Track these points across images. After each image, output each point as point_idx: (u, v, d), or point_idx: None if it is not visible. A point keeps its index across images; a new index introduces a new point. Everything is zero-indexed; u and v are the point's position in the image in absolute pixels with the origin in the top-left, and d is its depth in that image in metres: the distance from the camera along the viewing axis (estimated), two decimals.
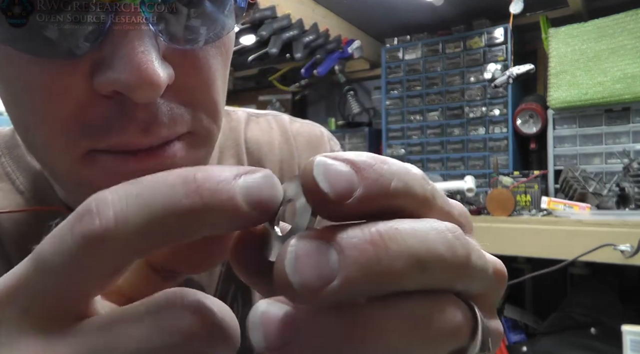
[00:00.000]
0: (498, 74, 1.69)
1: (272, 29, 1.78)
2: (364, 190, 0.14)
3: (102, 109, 0.27)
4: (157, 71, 0.25)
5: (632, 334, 1.12)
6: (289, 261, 0.14)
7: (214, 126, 0.32)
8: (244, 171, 0.15)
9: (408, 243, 0.14)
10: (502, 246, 1.37)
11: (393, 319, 0.14)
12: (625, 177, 1.50)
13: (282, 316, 0.14)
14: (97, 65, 0.26)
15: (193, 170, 0.15)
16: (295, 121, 0.54)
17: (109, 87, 0.26)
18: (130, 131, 0.27)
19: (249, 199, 0.14)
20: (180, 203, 0.14)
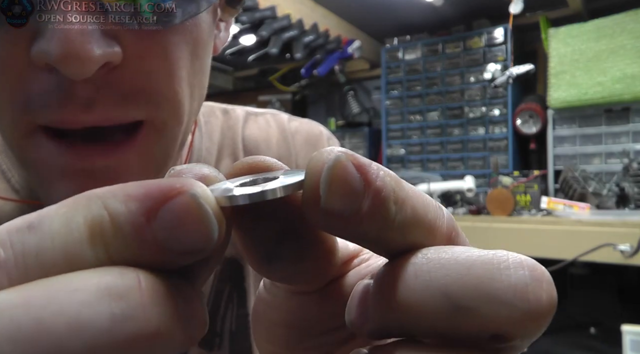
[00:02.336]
0: (498, 74, 1.69)
1: (272, 29, 1.78)
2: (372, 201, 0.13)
3: (41, 82, 0.26)
4: (87, 46, 0.24)
5: (632, 334, 1.12)
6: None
7: (173, 119, 0.30)
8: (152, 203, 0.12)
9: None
10: (502, 246, 1.36)
11: None
12: (625, 177, 1.50)
13: None
14: (35, 35, 0.25)
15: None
16: (294, 119, 0.53)
17: (40, 58, 0.25)
18: (69, 107, 0.26)
19: (175, 249, 0.12)
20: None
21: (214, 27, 0.35)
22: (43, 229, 0.12)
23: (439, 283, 0.12)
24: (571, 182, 1.56)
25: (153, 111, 0.29)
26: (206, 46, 0.32)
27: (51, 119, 0.27)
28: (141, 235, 0.12)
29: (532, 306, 0.12)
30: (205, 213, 0.12)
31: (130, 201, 0.12)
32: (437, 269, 0.13)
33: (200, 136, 0.44)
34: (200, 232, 0.12)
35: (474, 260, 0.13)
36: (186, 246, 0.12)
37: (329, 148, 0.14)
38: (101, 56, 0.25)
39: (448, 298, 0.12)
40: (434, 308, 0.12)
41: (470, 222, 1.43)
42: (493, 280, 0.12)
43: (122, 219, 0.12)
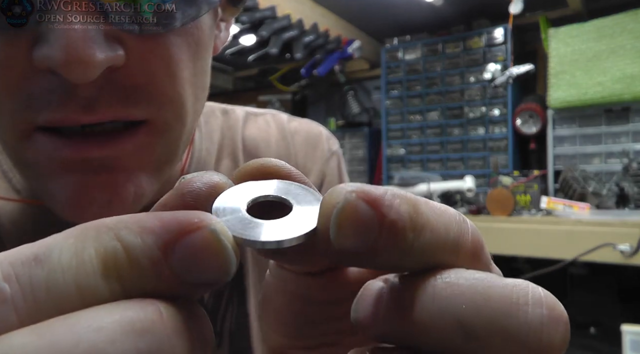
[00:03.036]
0: (498, 74, 1.69)
1: (272, 29, 1.78)
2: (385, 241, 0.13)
3: (43, 82, 0.26)
4: (89, 51, 0.24)
5: (632, 334, 1.12)
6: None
7: (176, 120, 0.30)
8: (170, 238, 0.12)
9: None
10: (502, 246, 1.37)
11: None
12: (624, 177, 1.50)
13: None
14: (37, 38, 0.25)
15: None
16: (293, 119, 0.53)
17: (43, 63, 0.25)
18: (71, 107, 0.26)
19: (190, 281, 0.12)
20: None
21: (215, 28, 0.35)
22: (52, 262, 0.11)
23: (455, 311, 0.12)
24: (571, 182, 1.56)
25: (155, 111, 0.29)
26: (207, 47, 0.33)
27: (52, 119, 0.27)
28: (158, 269, 0.12)
29: (544, 347, 0.12)
30: (225, 248, 0.12)
31: (146, 233, 0.12)
32: (455, 297, 0.13)
33: (200, 136, 0.44)
34: (220, 266, 0.12)
35: (493, 292, 0.13)
36: (204, 279, 0.12)
37: (341, 188, 0.13)
38: (104, 60, 0.25)
39: (462, 327, 0.12)
40: (447, 333, 0.12)
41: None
42: (510, 317, 0.12)
43: (138, 252, 0.12)
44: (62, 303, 0.11)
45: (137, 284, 0.12)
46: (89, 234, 0.12)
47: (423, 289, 0.13)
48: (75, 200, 0.28)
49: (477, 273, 0.13)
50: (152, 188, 0.31)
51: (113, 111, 0.27)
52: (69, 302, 0.11)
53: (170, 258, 0.12)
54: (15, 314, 0.11)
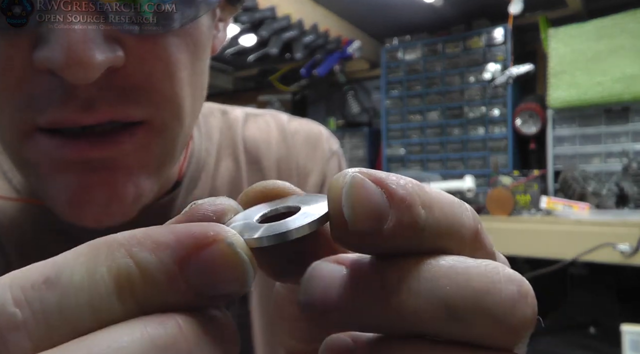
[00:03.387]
0: (498, 74, 1.69)
1: (272, 29, 1.79)
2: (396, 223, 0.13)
3: (43, 83, 0.26)
4: (90, 52, 0.24)
5: (632, 334, 1.12)
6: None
7: (174, 121, 0.30)
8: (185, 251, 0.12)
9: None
10: (502, 246, 1.37)
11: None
12: (624, 177, 1.50)
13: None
14: (38, 39, 0.25)
15: None
16: (293, 119, 0.53)
17: (43, 64, 0.25)
18: (70, 108, 0.26)
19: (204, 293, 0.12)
20: None
21: (213, 28, 0.35)
22: (63, 283, 0.11)
23: (440, 292, 0.13)
24: (571, 182, 1.56)
25: (154, 112, 0.29)
26: (206, 48, 0.33)
27: (52, 119, 0.27)
28: (174, 285, 0.12)
29: (517, 321, 0.13)
30: (243, 261, 0.12)
31: (160, 249, 0.12)
32: (439, 278, 0.13)
33: (199, 136, 0.44)
34: (238, 278, 0.12)
35: (472, 272, 0.13)
36: (223, 292, 0.12)
37: (343, 172, 0.13)
38: (104, 62, 0.25)
39: (447, 308, 0.13)
40: (432, 314, 0.13)
41: None
42: (488, 295, 0.13)
43: (153, 269, 0.11)
44: (76, 325, 0.11)
45: (153, 301, 0.12)
46: (100, 252, 0.12)
47: (408, 271, 0.13)
48: (75, 200, 0.28)
49: (452, 257, 0.14)
50: (152, 188, 0.31)
51: (112, 111, 0.27)
52: (83, 324, 0.11)
53: (186, 273, 0.12)
54: (29, 340, 0.11)
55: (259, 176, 0.46)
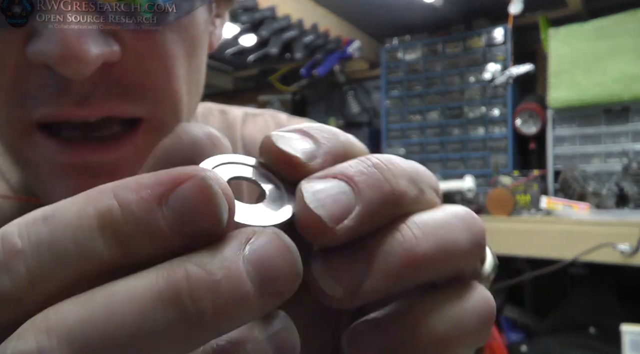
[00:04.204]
0: (498, 74, 1.69)
1: (272, 29, 1.78)
2: (363, 207, 0.14)
3: (38, 78, 0.26)
4: (84, 46, 0.24)
5: (632, 334, 1.12)
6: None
7: (172, 117, 0.30)
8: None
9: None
10: (502, 246, 1.37)
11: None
12: (624, 177, 1.50)
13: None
14: (31, 34, 0.25)
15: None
16: (292, 118, 0.54)
17: (37, 58, 0.25)
18: (65, 102, 0.26)
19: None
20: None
21: (210, 24, 0.35)
22: (56, 220, 0.12)
23: (438, 236, 0.15)
24: (571, 182, 1.56)
25: (151, 108, 0.29)
26: (202, 44, 0.33)
27: (47, 114, 0.27)
28: (153, 221, 0.12)
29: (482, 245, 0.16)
30: (215, 193, 0.12)
31: (142, 189, 0.12)
32: (439, 227, 0.15)
33: None
34: (212, 212, 0.12)
35: (452, 217, 0.16)
36: (200, 228, 0.12)
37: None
38: (99, 56, 0.25)
39: (445, 245, 0.15)
40: (432, 255, 0.15)
41: None
42: (468, 233, 0.16)
43: (134, 207, 0.12)
44: (62, 258, 0.12)
45: (134, 240, 0.12)
46: (91, 196, 0.13)
47: (405, 230, 0.15)
48: None
49: (435, 209, 0.16)
50: None
51: (108, 107, 0.27)
52: (68, 258, 0.12)
53: (164, 208, 0.12)
54: (24, 266, 0.12)
55: None
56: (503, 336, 1.55)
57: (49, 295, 0.12)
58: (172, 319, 0.11)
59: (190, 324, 0.11)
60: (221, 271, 0.12)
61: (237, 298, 0.11)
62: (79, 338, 0.11)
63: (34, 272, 0.12)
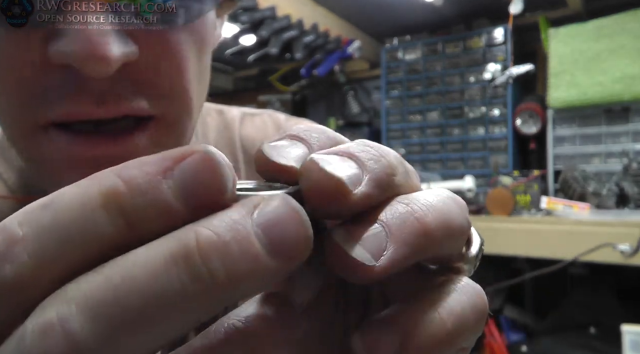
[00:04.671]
0: (498, 74, 1.69)
1: (272, 29, 1.79)
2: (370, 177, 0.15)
3: (57, 77, 0.26)
4: (108, 46, 0.25)
5: (632, 334, 1.12)
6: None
7: (185, 116, 0.31)
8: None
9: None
10: (502, 246, 1.37)
11: None
12: (624, 177, 1.50)
13: None
14: (53, 34, 0.25)
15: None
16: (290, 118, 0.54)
17: (60, 58, 0.25)
18: (84, 101, 0.27)
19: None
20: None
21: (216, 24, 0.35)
22: (57, 204, 0.12)
23: (441, 212, 0.16)
24: (571, 182, 1.56)
25: (164, 106, 0.30)
26: (210, 43, 0.33)
27: (65, 113, 0.27)
28: (158, 192, 0.12)
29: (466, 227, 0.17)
30: (219, 164, 0.12)
31: (146, 165, 0.12)
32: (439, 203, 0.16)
33: (195, 135, 0.44)
34: (218, 182, 0.12)
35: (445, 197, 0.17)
36: (205, 199, 0.12)
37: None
38: (121, 56, 0.26)
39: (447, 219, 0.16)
40: (439, 228, 0.15)
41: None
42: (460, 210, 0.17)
43: (139, 181, 0.12)
44: (65, 241, 0.12)
45: (140, 214, 0.12)
46: (94, 178, 0.12)
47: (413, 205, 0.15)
48: None
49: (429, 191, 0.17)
50: None
51: (125, 105, 0.28)
52: (70, 240, 0.12)
53: (169, 181, 0.12)
54: (26, 254, 0.12)
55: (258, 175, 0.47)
56: (503, 336, 1.55)
57: (56, 280, 0.12)
58: (185, 280, 0.11)
59: (204, 285, 0.11)
60: (229, 233, 0.12)
61: (247, 260, 0.11)
62: (97, 305, 0.11)
63: (37, 258, 0.12)
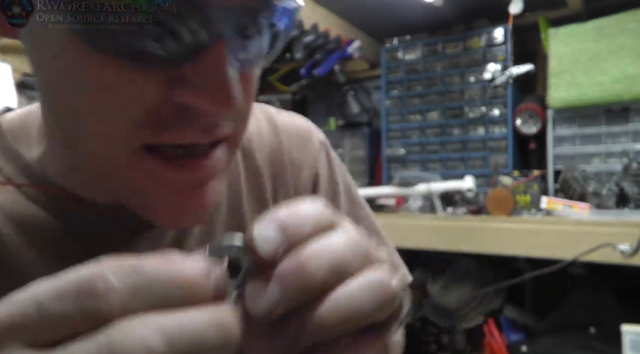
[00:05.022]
0: (498, 74, 1.69)
1: None
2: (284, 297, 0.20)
3: (173, 111, 0.28)
4: (237, 98, 0.28)
5: (632, 334, 1.12)
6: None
7: (244, 134, 0.36)
8: None
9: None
10: (502, 246, 1.37)
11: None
12: (624, 177, 1.50)
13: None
14: (180, 77, 0.27)
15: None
16: (281, 112, 0.56)
17: (190, 101, 0.28)
18: (195, 130, 0.29)
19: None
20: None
21: None
22: (148, 276, 0.18)
23: (345, 311, 0.20)
24: (571, 182, 1.56)
25: (236, 128, 0.33)
26: None
27: (176, 138, 0.29)
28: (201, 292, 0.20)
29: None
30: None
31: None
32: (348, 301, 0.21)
33: None
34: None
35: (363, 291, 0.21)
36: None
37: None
38: (240, 101, 0.29)
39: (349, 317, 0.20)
40: (337, 324, 0.20)
41: (470, 222, 1.43)
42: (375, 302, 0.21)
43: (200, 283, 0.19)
44: (149, 300, 0.17)
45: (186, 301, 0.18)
46: (178, 261, 0.19)
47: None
48: (173, 214, 0.33)
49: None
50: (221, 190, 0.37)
51: (220, 132, 0.31)
52: (155, 301, 0.18)
53: (208, 285, 0.19)
54: (118, 300, 0.17)
55: (253, 169, 0.49)
56: (503, 336, 1.55)
57: (134, 315, 0.17)
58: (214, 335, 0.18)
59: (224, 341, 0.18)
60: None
61: None
62: (171, 334, 0.17)
63: (125, 306, 0.17)
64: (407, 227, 1.54)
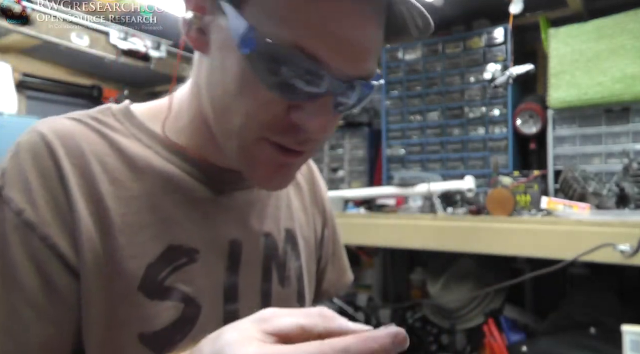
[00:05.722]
0: (498, 74, 1.69)
1: None
2: None
3: (286, 124, 0.44)
4: (330, 128, 0.46)
5: (632, 334, 1.12)
6: None
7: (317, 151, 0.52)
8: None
9: None
10: (502, 246, 1.37)
11: None
12: (624, 177, 1.50)
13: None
14: (298, 106, 0.44)
15: None
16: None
17: (302, 122, 0.44)
18: (293, 139, 0.46)
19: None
20: None
21: None
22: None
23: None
24: (571, 182, 1.56)
25: (315, 146, 0.50)
26: None
27: (279, 139, 0.45)
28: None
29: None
30: None
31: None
32: None
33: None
34: None
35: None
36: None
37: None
38: (330, 130, 0.48)
39: None
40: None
41: (470, 222, 1.43)
42: None
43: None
44: None
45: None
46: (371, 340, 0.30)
47: None
48: (272, 180, 0.50)
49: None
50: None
51: (306, 146, 0.47)
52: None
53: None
54: (318, 334, 0.31)
55: (299, 177, 0.72)
56: (503, 336, 1.55)
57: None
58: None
59: None
60: None
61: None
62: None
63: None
64: (407, 227, 1.54)
